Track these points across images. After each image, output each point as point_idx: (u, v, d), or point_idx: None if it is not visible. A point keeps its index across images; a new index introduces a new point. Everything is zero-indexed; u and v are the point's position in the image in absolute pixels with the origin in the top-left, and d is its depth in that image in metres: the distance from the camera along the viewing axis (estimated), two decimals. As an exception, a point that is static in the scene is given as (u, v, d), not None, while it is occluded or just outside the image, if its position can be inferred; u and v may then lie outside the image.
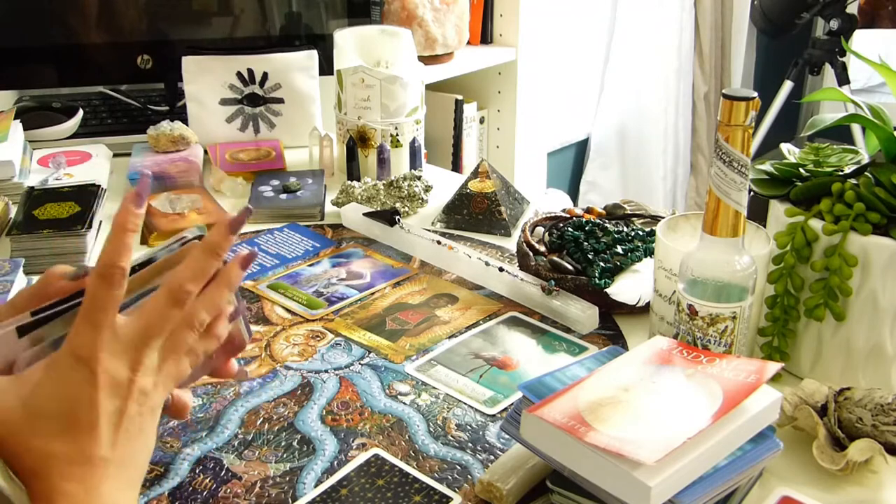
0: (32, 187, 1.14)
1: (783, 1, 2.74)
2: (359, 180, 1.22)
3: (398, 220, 1.08)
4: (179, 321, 0.56)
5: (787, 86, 2.82)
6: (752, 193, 0.73)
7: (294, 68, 1.37)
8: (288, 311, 0.94)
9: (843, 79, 2.69)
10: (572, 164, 2.94)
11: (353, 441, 0.74)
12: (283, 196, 1.18)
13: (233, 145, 1.34)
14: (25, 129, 1.29)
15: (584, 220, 0.99)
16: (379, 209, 1.14)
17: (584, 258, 0.93)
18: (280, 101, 1.37)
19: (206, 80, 1.34)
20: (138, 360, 0.53)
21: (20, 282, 0.94)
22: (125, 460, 0.53)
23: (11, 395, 0.51)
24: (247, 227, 1.14)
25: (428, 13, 1.77)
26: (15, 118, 1.27)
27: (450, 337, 0.89)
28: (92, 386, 0.51)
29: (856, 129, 2.72)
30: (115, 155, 1.33)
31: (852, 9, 2.81)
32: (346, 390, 0.80)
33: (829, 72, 2.84)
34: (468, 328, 0.90)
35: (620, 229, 0.97)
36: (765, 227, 0.81)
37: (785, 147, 0.85)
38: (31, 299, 0.55)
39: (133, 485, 0.54)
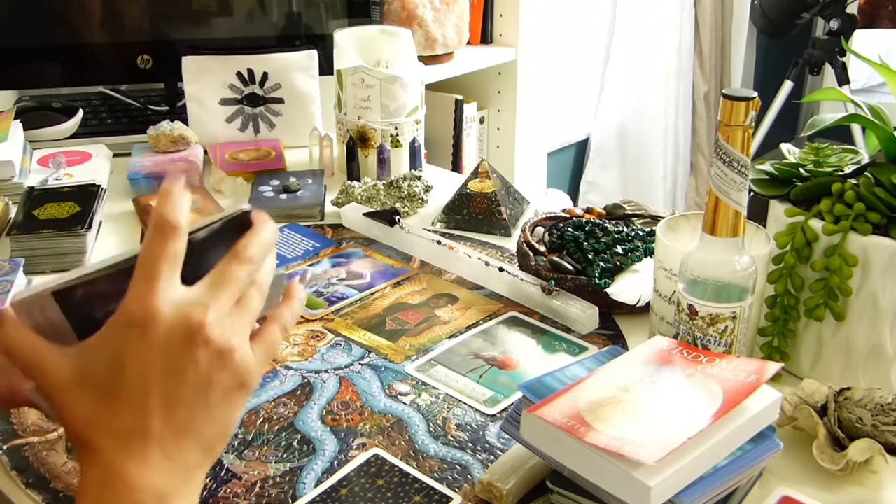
0: (32, 187, 1.14)
1: (783, 1, 2.74)
2: (359, 180, 1.22)
3: (398, 220, 1.08)
4: (271, 315, 0.52)
5: (787, 86, 2.82)
6: (752, 193, 0.73)
7: (294, 68, 1.37)
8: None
9: (843, 79, 2.70)
10: (572, 164, 2.94)
11: (353, 441, 0.74)
12: (283, 196, 1.18)
13: (233, 145, 1.34)
14: (25, 129, 1.29)
15: (584, 220, 0.99)
16: (379, 209, 1.14)
17: (584, 258, 0.93)
18: (280, 101, 1.37)
19: (206, 80, 1.34)
20: (202, 314, 0.48)
21: (20, 282, 0.94)
22: (183, 433, 0.48)
23: (65, 362, 0.48)
24: (247, 227, 1.14)
25: (428, 13, 1.77)
26: (15, 118, 1.27)
27: (450, 337, 0.89)
28: (144, 348, 0.47)
29: (856, 129, 2.72)
30: (115, 155, 1.33)
31: (852, 9, 2.81)
32: (346, 390, 0.80)
33: (829, 72, 2.84)
34: (468, 328, 0.90)
35: (620, 229, 0.97)
36: (765, 227, 0.81)
37: (785, 147, 0.85)
38: None
39: (189, 467, 0.49)
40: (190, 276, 0.50)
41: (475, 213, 1.13)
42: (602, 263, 0.92)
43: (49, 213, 1.06)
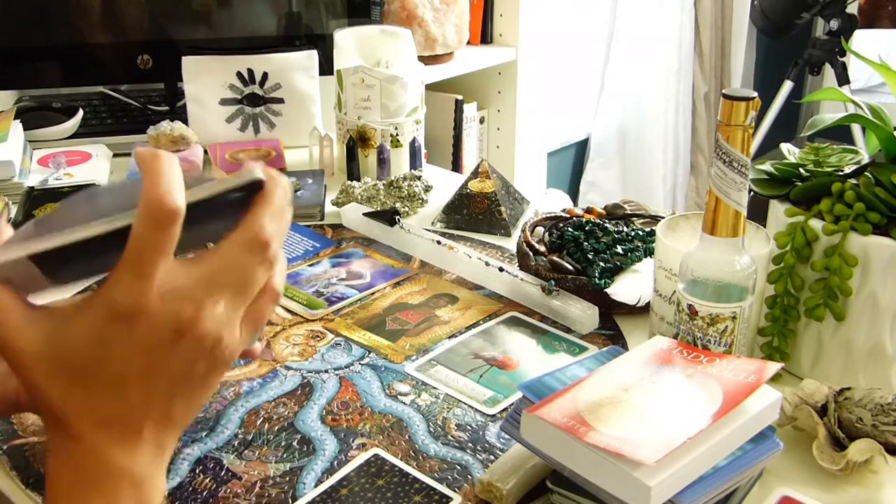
0: (32, 187, 1.14)
1: (783, 1, 2.74)
2: (359, 180, 1.22)
3: (398, 220, 1.08)
4: (263, 286, 0.48)
5: (787, 86, 2.82)
6: (752, 193, 0.73)
7: (294, 68, 1.37)
8: (288, 311, 0.94)
9: (843, 79, 2.69)
10: (572, 164, 2.94)
11: (353, 441, 0.74)
12: (283, 196, 1.18)
13: (233, 145, 1.34)
14: (25, 129, 1.29)
15: (584, 220, 0.99)
16: (379, 209, 1.14)
17: (584, 258, 0.93)
18: (280, 101, 1.37)
19: (206, 80, 1.34)
20: (196, 310, 0.45)
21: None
22: (164, 421, 0.47)
23: (40, 329, 0.44)
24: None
25: (428, 13, 1.77)
26: (15, 118, 1.27)
27: (450, 337, 0.89)
28: (129, 344, 0.44)
29: (856, 129, 2.72)
30: (115, 155, 1.33)
31: (852, 9, 2.81)
32: (346, 390, 0.80)
33: (829, 72, 2.84)
34: (468, 328, 0.90)
35: (620, 229, 0.97)
36: (765, 227, 0.81)
37: (785, 147, 0.85)
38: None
39: (164, 449, 0.48)
40: (185, 243, 0.45)
41: (475, 213, 1.13)
42: (602, 263, 0.92)
43: (49, 213, 1.06)
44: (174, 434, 0.48)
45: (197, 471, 0.70)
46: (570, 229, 0.98)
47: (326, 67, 1.39)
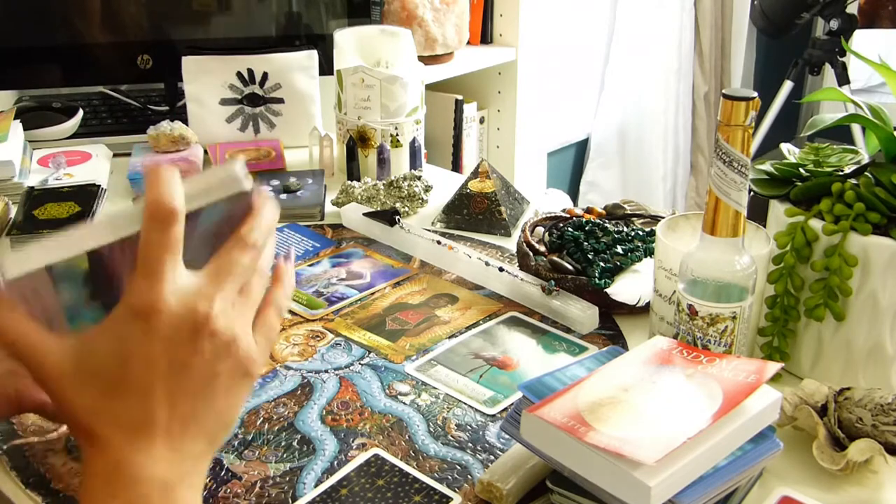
0: (32, 187, 1.14)
1: (783, 1, 2.74)
2: (359, 180, 1.22)
3: (398, 220, 1.08)
4: (267, 299, 0.52)
5: (787, 86, 2.82)
6: (752, 193, 0.73)
7: (294, 68, 1.37)
8: (288, 310, 0.94)
9: (843, 79, 2.69)
10: (572, 164, 2.94)
11: (353, 441, 0.74)
12: (283, 196, 1.18)
13: (233, 145, 1.34)
14: (25, 129, 1.29)
15: (584, 220, 0.99)
16: (379, 209, 1.14)
17: (584, 258, 0.93)
18: (280, 101, 1.37)
19: (206, 80, 1.34)
20: (208, 306, 0.48)
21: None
22: (189, 424, 0.48)
23: (67, 352, 0.47)
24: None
25: (428, 13, 1.77)
26: (15, 118, 1.27)
27: (450, 337, 0.89)
28: (149, 341, 0.46)
29: (856, 129, 2.72)
30: (115, 155, 1.33)
31: (852, 9, 2.81)
32: (346, 390, 0.80)
33: (829, 72, 2.84)
34: (468, 328, 0.90)
35: (620, 229, 0.97)
36: (765, 227, 0.81)
37: (785, 147, 0.85)
38: None
39: (194, 456, 0.49)
40: (187, 253, 0.48)
41: (475, 213, 1.13)
42: (602, 263, 0.92)
43: (49, 213, 1.06)
44: (203, 440, 0.49)
45: (197, 471, 0.70)
46: (570, 229, 0.98)
47: (326, 67, 1.39)
